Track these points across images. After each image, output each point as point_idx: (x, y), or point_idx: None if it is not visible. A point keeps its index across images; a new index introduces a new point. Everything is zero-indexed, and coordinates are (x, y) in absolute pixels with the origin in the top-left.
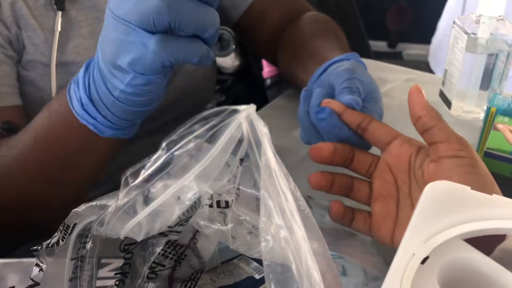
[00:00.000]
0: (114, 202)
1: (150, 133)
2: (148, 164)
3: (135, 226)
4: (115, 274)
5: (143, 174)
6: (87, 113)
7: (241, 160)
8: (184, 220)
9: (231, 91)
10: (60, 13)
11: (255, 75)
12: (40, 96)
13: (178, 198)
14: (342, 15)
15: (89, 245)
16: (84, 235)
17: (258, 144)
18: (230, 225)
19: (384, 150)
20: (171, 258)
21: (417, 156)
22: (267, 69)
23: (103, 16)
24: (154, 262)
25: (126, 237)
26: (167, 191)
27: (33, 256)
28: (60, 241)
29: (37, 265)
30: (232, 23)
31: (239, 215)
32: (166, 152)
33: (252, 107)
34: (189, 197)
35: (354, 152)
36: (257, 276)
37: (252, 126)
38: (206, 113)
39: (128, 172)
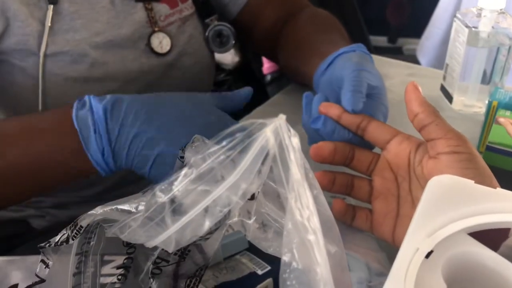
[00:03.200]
0: (135, 207)
1: None
2: (177, 181)
3: (166, 238)
4: (117, 269)
5: (173, 191)
6: (105, 163)
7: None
8: (214, 229)
9: (231, 87)
10: (51, 6)
11: (255, 71)
12: (32, 84)
13: (206, 211)
14: (341, 11)
15: (93, 241)
16: (89, 230)
17: (284, 160)
18: (254, 218)
19: (384, 149)
20: (175, 254)
21: (416, 153)
22: (267, 65)
23: (97, 8)
24: (158, 257)
25: None
26: (199, 206)
27: (36, 253)
28: (70, 240)
29: (43, 261)
30: (231, 18)
31: (262, 208)
32: (195, 169)
33: (281, 119)
34: (219, 209)
35: (354, 150)
36: (259, 272)
37: (279, 139)
38: (232, 128)
39: (157, 188)
